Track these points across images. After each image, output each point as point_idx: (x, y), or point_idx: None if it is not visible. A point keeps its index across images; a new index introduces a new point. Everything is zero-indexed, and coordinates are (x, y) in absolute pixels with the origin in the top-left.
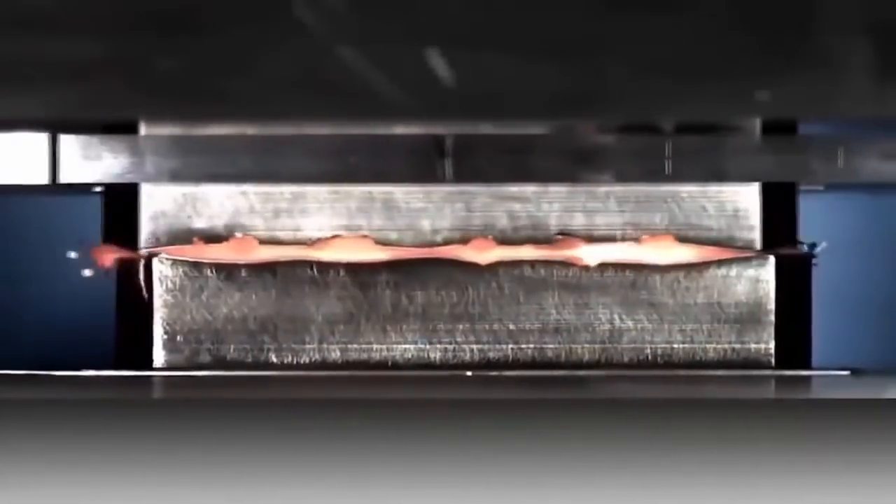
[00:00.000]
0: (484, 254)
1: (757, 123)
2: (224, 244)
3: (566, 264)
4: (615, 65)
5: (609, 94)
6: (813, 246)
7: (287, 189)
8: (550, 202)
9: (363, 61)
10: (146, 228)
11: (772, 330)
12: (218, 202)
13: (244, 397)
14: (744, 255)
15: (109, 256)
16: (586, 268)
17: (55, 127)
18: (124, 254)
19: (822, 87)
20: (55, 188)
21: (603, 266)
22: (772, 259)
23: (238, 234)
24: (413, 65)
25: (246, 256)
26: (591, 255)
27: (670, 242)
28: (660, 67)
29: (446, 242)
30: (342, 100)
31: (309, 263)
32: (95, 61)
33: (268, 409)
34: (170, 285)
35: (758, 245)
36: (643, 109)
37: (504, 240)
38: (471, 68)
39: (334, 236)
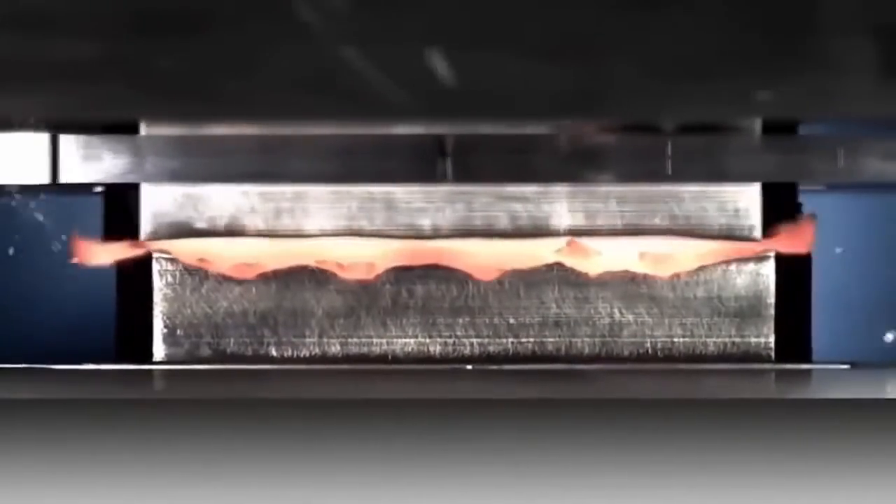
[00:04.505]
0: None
1: (757, 124)
2: (225, 266)
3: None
4: (618, 64)
5: (611, 94)
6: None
7: (289, 189)
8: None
9: (365, 61)
10: (146, 228)
11: (772, 324)
12: (217, 202)
13: (245, 396)
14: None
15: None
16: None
17: (55, 127)
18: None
19: (824, 86)
20: (56, 188)
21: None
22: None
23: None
24: (414, 65)
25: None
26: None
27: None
28: (662, 67)
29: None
30: (343, 100)
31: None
32: (96, 61)
33: (268, 408)
34: (170, 279)
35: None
36: (645, 109)
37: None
38: (472, 68)
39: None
